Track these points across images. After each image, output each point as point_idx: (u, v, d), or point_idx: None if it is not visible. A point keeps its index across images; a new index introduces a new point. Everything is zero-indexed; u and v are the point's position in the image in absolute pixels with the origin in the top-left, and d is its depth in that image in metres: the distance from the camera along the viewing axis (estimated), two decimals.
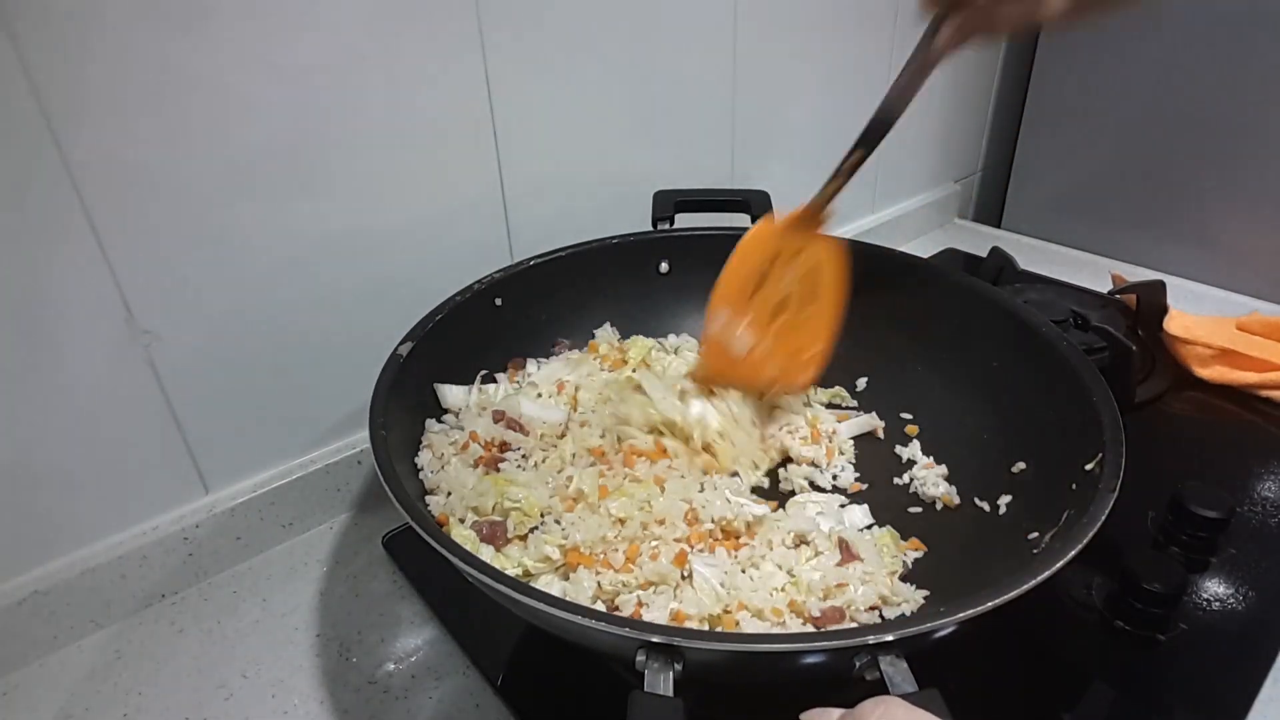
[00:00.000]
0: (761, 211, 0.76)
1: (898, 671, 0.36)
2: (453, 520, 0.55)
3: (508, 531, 0.55)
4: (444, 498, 0.57)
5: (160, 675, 0.58)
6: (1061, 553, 0.41)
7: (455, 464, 0.59)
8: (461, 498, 0.56)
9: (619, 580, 0.51)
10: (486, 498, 0.56)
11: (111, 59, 0.50)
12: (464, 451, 0.60)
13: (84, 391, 0.56)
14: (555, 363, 0.71)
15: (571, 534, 0.54)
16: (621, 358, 0.73)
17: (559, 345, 0.73)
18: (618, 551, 0.53)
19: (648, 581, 0.51)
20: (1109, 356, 0.78)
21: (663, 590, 0.51)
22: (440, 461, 0.59)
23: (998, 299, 0.66)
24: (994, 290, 0.68)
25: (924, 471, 0.64)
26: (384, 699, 0.55)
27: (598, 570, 0.52)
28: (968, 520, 0.60)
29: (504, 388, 0.68)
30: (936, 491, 0.62)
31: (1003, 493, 0.59)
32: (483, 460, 0.60)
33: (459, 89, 0.66)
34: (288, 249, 0.62)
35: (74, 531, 0.59)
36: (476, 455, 0.60)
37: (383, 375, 0.55)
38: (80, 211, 0.52)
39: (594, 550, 0.53)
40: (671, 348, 0.76)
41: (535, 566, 0.53)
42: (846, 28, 0.94)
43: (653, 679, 0.36)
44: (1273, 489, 0.70)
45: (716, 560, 0.53)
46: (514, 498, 0.56)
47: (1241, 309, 0.93)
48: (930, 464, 0.65)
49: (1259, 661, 0.55)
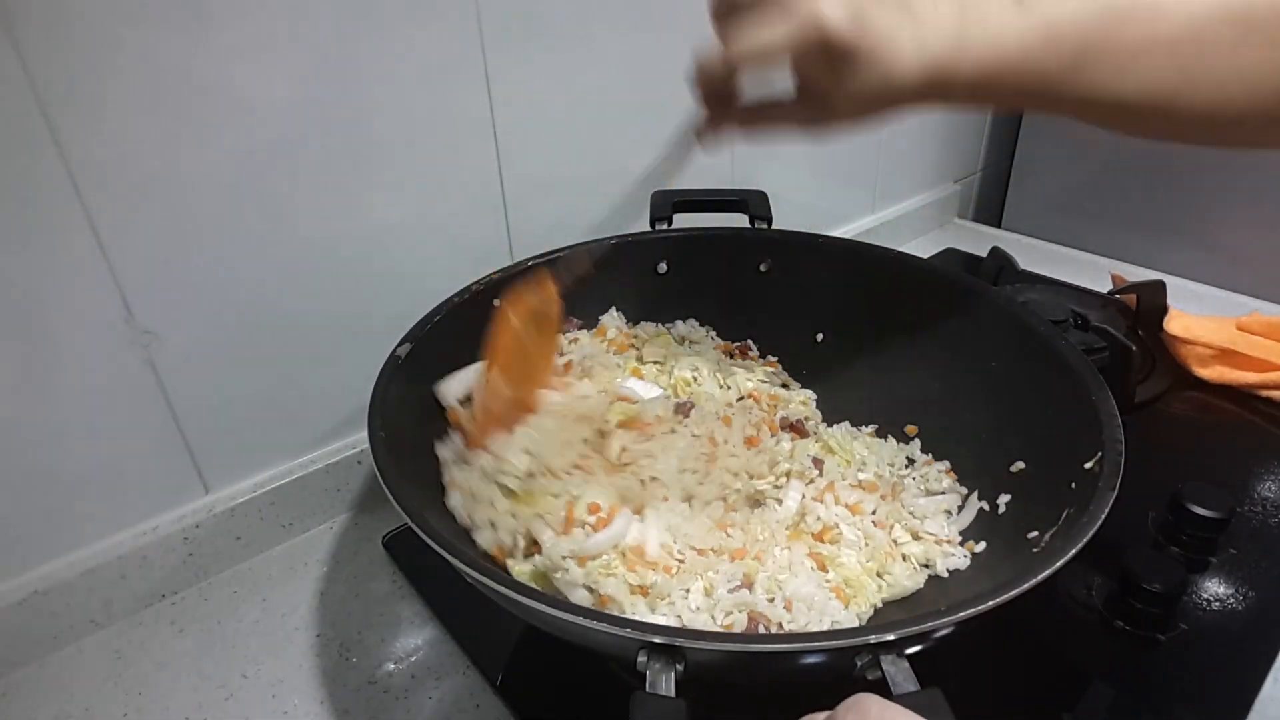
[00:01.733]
0: (759, 211, 0.76)
1: (899, 671, 0.36)
2: (513, 558, 0.54)
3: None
4: (490, 532, 0.54)
5: (160, 675, 0.58)
6: (1062, 551, 0.41)
7: (481, 489, 0.57)
8: (508, 529, 0.54)
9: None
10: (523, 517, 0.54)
11: (112, 59, 0.50)
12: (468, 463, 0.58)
13: (84, 391, 0.56)
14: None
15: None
16: (630, 342, 0.73)
17: (569, 324, 0.72)
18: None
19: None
20: (1109, 356, 0.78)
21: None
22: (469, 496, 0.57)
23: (998, 299, 0.66)
24: (994, 290, 0.68)
25: (924, 469, 0.64)
26: (384, 699, 0.55)
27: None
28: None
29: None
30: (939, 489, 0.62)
31: (1002, 492, 0.59)
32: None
33: (459, 89, 0.66)
34: (288, 249, 0.62)
35: (74, 531, 0.59)
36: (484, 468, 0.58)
37: (381, 376, 0.55)
38: (80, 211, 0.52)
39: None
40: (679, 336, 0.75)
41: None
42: None
43: (654, 679, 0.36)
44: (1273, 489, 0.70)
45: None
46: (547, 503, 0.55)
47: (1241, 309, 0.93)
48: (929, 461, 0.65)
49: (1259, 661, 0.55)
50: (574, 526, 0.53)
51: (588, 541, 0.52)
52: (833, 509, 0.59)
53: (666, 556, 0.53)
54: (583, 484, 0.56)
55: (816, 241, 0.75)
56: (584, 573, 0.51)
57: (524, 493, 0.55)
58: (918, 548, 0.57)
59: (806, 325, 0.75)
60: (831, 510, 0.58)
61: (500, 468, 0.55)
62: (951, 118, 1.18)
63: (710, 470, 0.60)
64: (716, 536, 0.55)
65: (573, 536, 0.52)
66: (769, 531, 0.56)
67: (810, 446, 0.65)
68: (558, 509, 0.54)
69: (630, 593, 0.50)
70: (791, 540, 0.56)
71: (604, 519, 0.53)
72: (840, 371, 0.73)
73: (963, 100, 0.41)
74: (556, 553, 0.51)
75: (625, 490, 0.56)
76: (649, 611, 0.50)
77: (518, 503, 0.55)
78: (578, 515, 0.53)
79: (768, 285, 0.75)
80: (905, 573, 0.56)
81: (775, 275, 0.75)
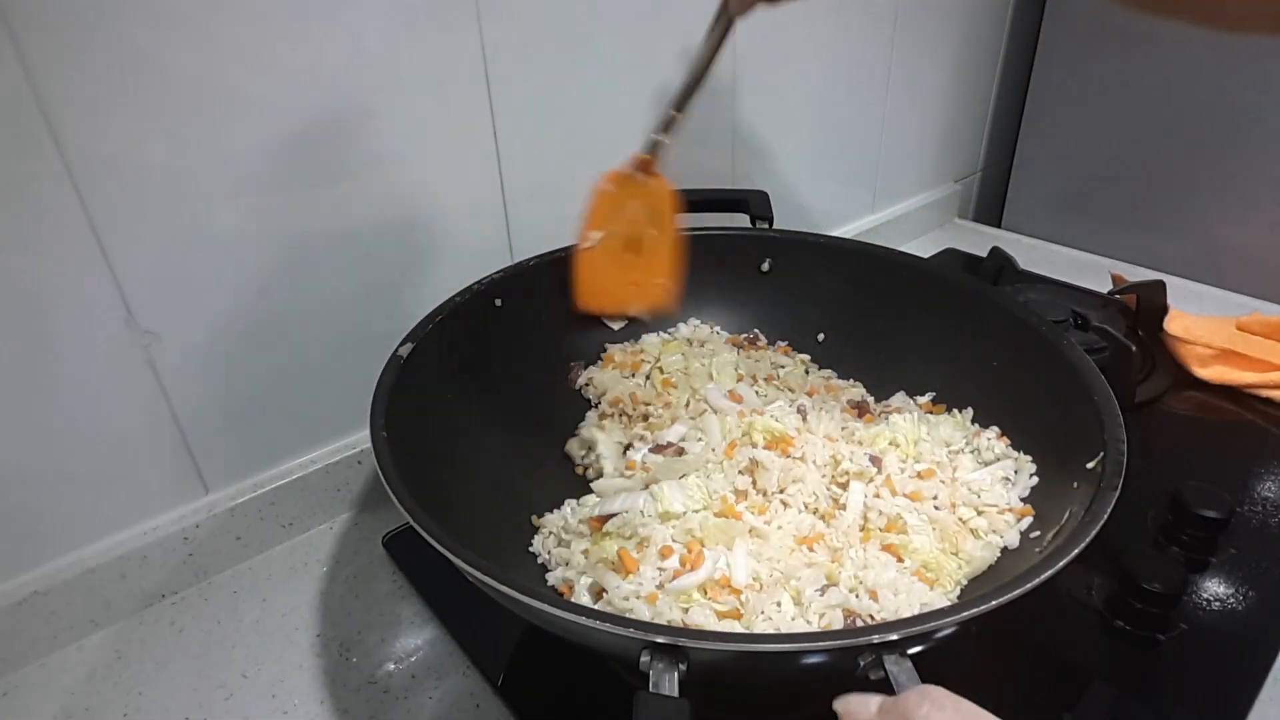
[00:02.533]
0: (761, 211, 0.76)
1: (903, 670, 0.36)
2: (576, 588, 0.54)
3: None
4: (563, 569, 0.56)
5: (160, 675, 0.58)
6: (1065, 551, 0.41)
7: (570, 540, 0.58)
8: (579, 569, 0.55)
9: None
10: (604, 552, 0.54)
11: (112, 59, 0.50)
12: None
13: (84, 391, 0.56)
14: (590, 418, 0.70)
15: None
16: (638, 360, 0.72)
17: (573, 370, 0.72)
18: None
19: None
20: (1109, 356, 0.78)
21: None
22: (555, 540, 0.59)
23: (998, 299, 0.66)
24: (994, 290, 0.68)
25: (975, 441, 0.63)
26: (384, 699, 0.55)
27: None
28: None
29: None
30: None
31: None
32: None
33: (459, 89, 0.66)
34: (288, 249, 0.61)
35: (74, 531, 0.59)
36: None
37: (383, 376, 0.55)
38: (80, 211, 0.52)
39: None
40: (686, 339, 0.75)
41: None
42: (846, 27, 0.94)
43: (658, 679, 0.36)
44: (1273, 489, 0.70)
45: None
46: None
47: (1241, 309, 0.93)
48: (977, 432, 0.64)
49: (1259, 661, 0.55)
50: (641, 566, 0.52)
51: (674, 584, 0.50)
52: (894, 501, 0.58)
53: (755, 583, 0.51)
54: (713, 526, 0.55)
55: (818, 242, 0.75)
56: (654, 611, 0.49)
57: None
58: (983, 521, 0.57)
59: (808, 325, 0.75)
60: (893, 503, 0.57)
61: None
62: (952, 117, 1.19)
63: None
64: (799, 556, 0.54)
65: (639, 576, 0.51)
66: (843, 538, 0.55)
67: (878, 440, 0.63)
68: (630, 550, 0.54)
69: (719, 619, 0.49)
70: (864, 541, 0.55)
71: (688, 557, 0.52)
72: (841, 371, 0.73)
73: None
74: (619, 595, 0.50)
75: (733, 529, 0.55)
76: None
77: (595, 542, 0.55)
78: (650, 558, 0.52)
79: (769, 285, 0.75)
80: (978, 547, 0.55)
81: (777, 275, 0.75)
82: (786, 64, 0.90)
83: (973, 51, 1.16)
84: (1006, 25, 1.19)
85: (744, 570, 0.51)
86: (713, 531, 0.54)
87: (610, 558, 0.53)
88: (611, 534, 0.56)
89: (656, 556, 0.52)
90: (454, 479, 0.58)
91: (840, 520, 0.56)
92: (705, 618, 0.49)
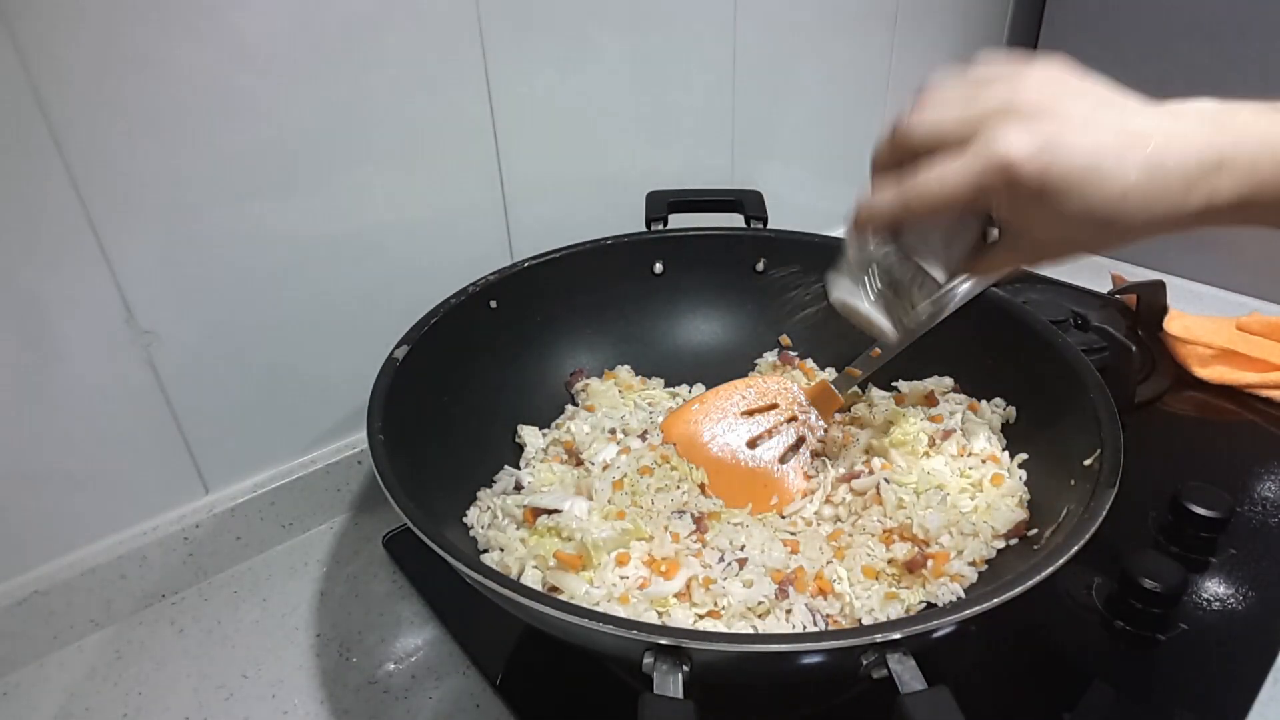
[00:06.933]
0: (755, 211, 0.76)
1: (906, 669, 0.36)
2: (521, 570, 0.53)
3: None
4: (499, 554, 0.55)
5: (160, 675, 0.58)
6: (1064, 549, 0.41)
7: (505, 524, 0.57)
8: (516, 555, 0.54)
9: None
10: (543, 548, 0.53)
11: (112, 59, 0.50)
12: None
13: (84, 391, 0.56)
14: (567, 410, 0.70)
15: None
16: (641, 389, 0.72)
17: (576, 376, 0.72)
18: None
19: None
20: (1109, 356, 0.78)
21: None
22: (490, 518, 0.58)
23: (997, 299, 0.66)
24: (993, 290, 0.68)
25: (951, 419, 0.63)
26: (384, 699, 0.55)
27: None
28: None
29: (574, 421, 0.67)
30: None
31: None
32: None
33: (459, 89, 0.66)
34: (288, 249, 0.61)
35: (74, 531, 0.59)
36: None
37: (379, 378, 0.55)
38: (80, 212, 0.52)
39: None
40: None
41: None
42: (846, 28, 0.94)
43: (661, 681, 0.36)
44: (1273, 489, 0.70)
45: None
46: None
47: (1241, 309, 0.93)
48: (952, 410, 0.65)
49: (1259, 661, 0.55)
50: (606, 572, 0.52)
51: (647, 591, 0.50)
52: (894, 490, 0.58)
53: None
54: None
55: (812, 241, 0.75)
56: (631, 612, 0.49)
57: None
58: (983, 472, 0.58)
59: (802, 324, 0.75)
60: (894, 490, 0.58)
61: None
62: None
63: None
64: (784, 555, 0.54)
65: (600, 579, 0.51)
66: (817, 546, 0.55)
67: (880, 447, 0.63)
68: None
69: (699, 620, 0.50)
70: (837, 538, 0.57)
71: (655, 564, 0.52)
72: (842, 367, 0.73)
73: (1227, 222, 0.35)
74: (589, 600, 0.50)
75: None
76: (754, 626, 0.49)
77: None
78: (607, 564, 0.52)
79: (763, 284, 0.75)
80: (999, 496, 0.56)
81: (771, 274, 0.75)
82: (786, 64, 0.90)
83: (973, 52, 1.15)
84: (1006, 27, 1.19)
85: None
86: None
87: (547, 556, 0.52)
88: (543, 532, 0.54)
89: (613, 563, 0.51)
90: (451, 480, 0.58)
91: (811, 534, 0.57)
92: (686, 618, 0.49)
